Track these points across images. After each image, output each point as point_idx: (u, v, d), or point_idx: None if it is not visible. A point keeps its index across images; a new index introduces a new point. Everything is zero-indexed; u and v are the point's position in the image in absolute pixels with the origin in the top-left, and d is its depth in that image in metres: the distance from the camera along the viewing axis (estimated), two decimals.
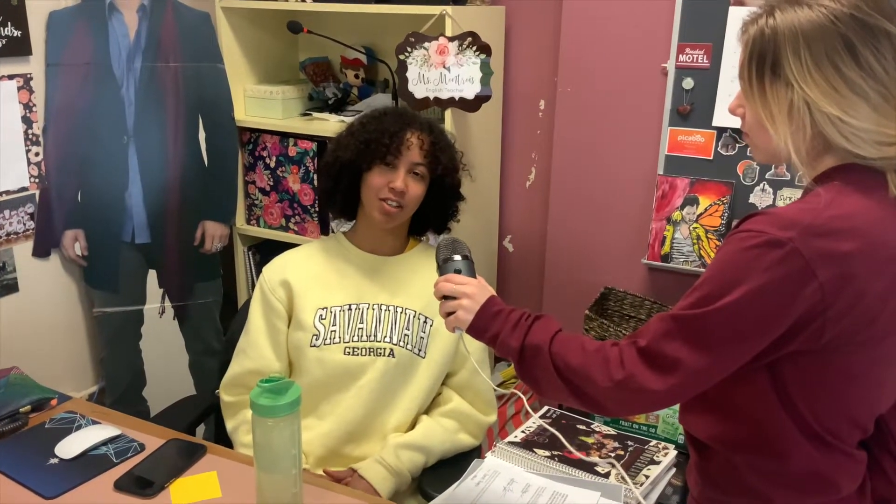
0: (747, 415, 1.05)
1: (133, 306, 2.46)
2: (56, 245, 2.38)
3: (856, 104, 0.96)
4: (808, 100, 0.97)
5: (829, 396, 1.01)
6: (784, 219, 0.96)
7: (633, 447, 1.57)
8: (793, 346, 0.98)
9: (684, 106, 2.21)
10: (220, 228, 2.52)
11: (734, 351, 1.00)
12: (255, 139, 2.58)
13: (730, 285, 0.96)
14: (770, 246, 0.94)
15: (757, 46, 1.01)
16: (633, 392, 1.02)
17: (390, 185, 1.54)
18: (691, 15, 2.15)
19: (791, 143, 1.01)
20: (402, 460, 1.53)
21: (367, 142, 1.55)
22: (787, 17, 0.98)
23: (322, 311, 1.59)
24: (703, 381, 1.02)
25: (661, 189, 2.27)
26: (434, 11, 2.15)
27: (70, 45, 2.26)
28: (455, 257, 1.28)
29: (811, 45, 0.96)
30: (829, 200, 0.98)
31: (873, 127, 0.96)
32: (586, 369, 1.06)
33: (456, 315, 1.21)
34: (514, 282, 2.79)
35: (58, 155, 2.31)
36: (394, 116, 1.59)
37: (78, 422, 1.48)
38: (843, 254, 0.94)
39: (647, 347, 1.02)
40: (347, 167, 1.57)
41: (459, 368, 1.65)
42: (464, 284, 1.22)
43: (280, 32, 2.48)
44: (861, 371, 1.00)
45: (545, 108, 2.56)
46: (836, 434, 1.03)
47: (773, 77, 1.00)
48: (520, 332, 1.14)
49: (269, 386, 1.15)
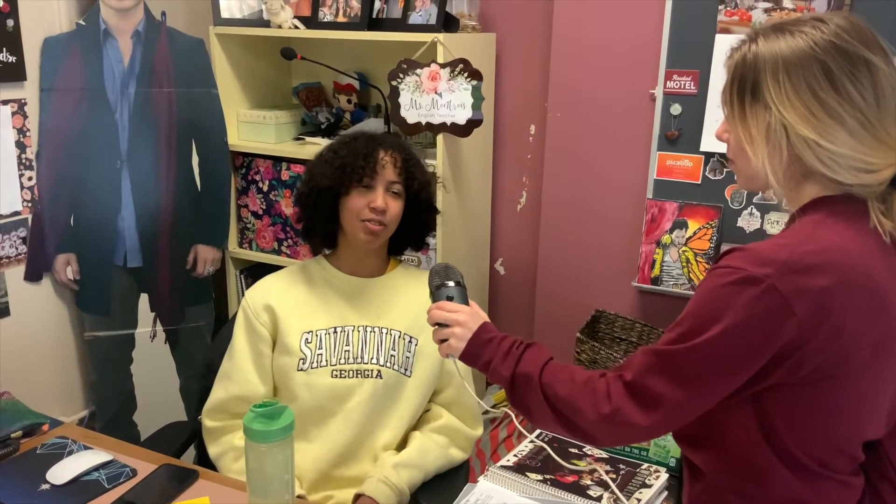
0: (732, 444, 1.06)
1: (124, 330, 2.46)
2: (48, 269, 2.38)
3: (833, 129, 0.98)
4: (785, 123, 0.99)
5: (811, 428, 1.02)
6: (761, 256, 0.97)
7: (624, 470, 1.58)
8: (772, 380, 0.99)
9: (672, 131, 2.25)
10: (213, 252, 2.52)
11: (714, 386, 1.01)
12: (248, 163, 2.59)
13: (709, 321, 0.98)
14: (748, 283, 0.96)
15: (739, 71, 1.03)
16: (619, 425, 1.04)
17: (371, 204, 1.56)
18: (678, 42, 2.19)
19: (768, 165, 1.02)
20: (403, 478, 1.55)
21: (343, 166, 1.57)
22: (770, 44, 1.01)
23: (308, 334, 1.60)
24: (685, 415, 1.04)
25: (651, 213, 2.29)
26: (426, 39, 2.18)
27: (64, 70, 2.28)
28: (448, 283, 1.30)
29: (790, 70, 0.99)
30: (806, 235, 1.00)
31: (850, 153, 0.98)
32: (575, 401, 1.07)
33: (448, 343, 1.22)
34: (506, 304, 2.80)
35: (51, 179, 2.31)
36: (364, 139, 1.62)
37: (70, 447, 1.48)
38: (820, 289, 0.95)
39: (633, 382, 1.04)
40: (325, 194, 1.59)
41: (446, 386, 1.66)
42: (456, 312, 1.23)
43: (273, 58, 2.51)
44: (842, 404, 1.01)
45: (535, 133, 2.59)
46: (823, 463, 1.04)
47: (752, 100, 1.02)
48: (511, 360, 1.15)
49: (263, 411, 1.15)
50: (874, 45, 1.00)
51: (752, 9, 2.08)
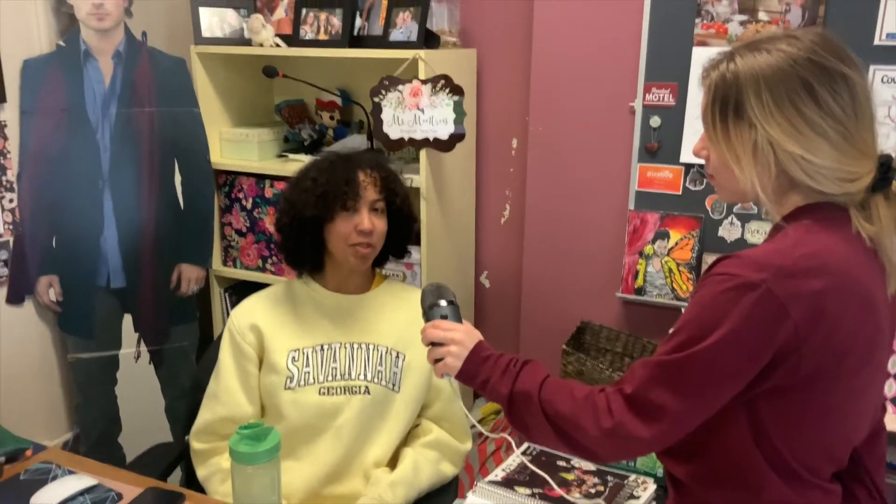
0: (722, 451, 1.07)
1: (108, 351, 2.44)
2: (30, 291, 2.36)
3: (817, 143, 1.00)
4: (771, 140, 1.01)
5: (806, 431, 1.03)
6: (757, 261, 0.99)
7: (612, 482, 1.58)
8: (770, 383, 1.01)
9: (652, 143, 2.27)
10: (197, 271, 2.51)
11: (716, 392, 1.02)
12: (231, 181, 2.59)
13: (708, 329, 0.99)
14: (745, 289, 0.97)
15: (720, 91, 1.04)
16: (621, 440, 1.03)
17: (357, 227, 1.56)
18: (656, 55, 2.22)
19: (758, 183, 1.04)
20: (398, 496, 1.54)
21: (324, 194, 1.56)
22: (748, 62, 1.02)
23: (294, 352, 1.59)
24: (688, 424, 1.04)
25: (633, 224, 2.31)
26: (407, 55, 2.20)
27: (44, 91, 2.27)
28: (441, 303, 1.29)
29: (772, 88, 1.00)
30: (798, 240, 1.01)
31: (834, 164, 1.00)
32: (576, 417, 1.07)
33: (445, 362, 1.22)
34: (492, 317, 2.80)
35: (32, 201, 2.30)
36: (342, 163, 1.60)
37: (54, 472, 1.46)
38: (815, 292, 0.97)
39: (634, 395, 1.04)
40: (310, 223, 1.58)
41: (434, 400, 1.66)
42: (452, 331, 1.23)
43: (255, 76, 2.52)
44: (836, 405, 1.03)
45: (518, 147, 2.61)
46: (812, 469, 1.05)
47: (736, 119, 1.03)
48: (509, 378, 1.15)
49: (249, 432, 1.15)
50: (847, 58, 1.02)
51: (727, 21, 2.12)
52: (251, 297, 1.69)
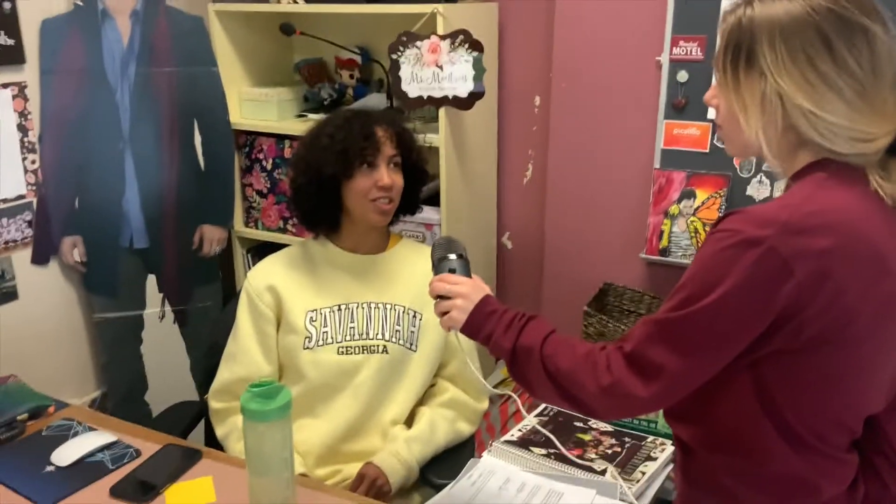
0: (727, 416, 1.04)
1: (133, 311, 2.47)
2: (55, 252, 2.39)
3: (829, 99, 0.95)
4: (781, 92, 0.96)
5: (811, 397, 1.00)
6: (760, 217, 0.94)
7: (630, 444, 1.57)
8: (772, 346, 0.97)
9: (679, 99, 2.20)
10: (219, 232, 2.52)
11: (716, 352, 0.99)
12: (251, 142, 2.58)
13: (709, 286, 0.95)
14: (747, 245, 0.93)
15: (734, 36, 1.00)
16: (619, 398, 1.02)
17: (378, 183, 1.54)
18: (684, 7, 2.13)
19: (762, 136, 1.00)
20: (414, 452, 1.55)
21: (344, 151, 1.54)
22: (766, 8, 0.97)
23: (312, 312, 1.59)
24: (687, 384, 1.02)
25: (658, 183, 2.26)
26: (425, 10, 2.14)
27: (63, 52, 2.27)
28: (450, 256, 1.28)
29: (787, 38, 0.95)
30: (807, 196, 0.97)
31: (847, 123, 0.95)
32: (575, 374, 1.05)
33: (450, 315, 1.21)
34: (514, 278, 2.78)
35: (54, 162, 2.31)
36: (357, 119, 1.59)
37: (75, 429, 1.49)
38: (820, 251, 0.92)
39: (633, 353, 1.02)
40: (329, 181, 1.56)
41: (451, 359, 1.66)
42: (458, 284, 1.22)
43: (274, 35, 2.48)
44: (842, 372, 0.99)
45: (541, 105, 2.55)
46: (821, 436, 1.02)
47: (747, 67, 0.99)
48: (512, 333, 1.13)
49: (259, 391, 1.14)
50: (872, 11, 0.96)
51: None
52: (267, 259, 1.69)
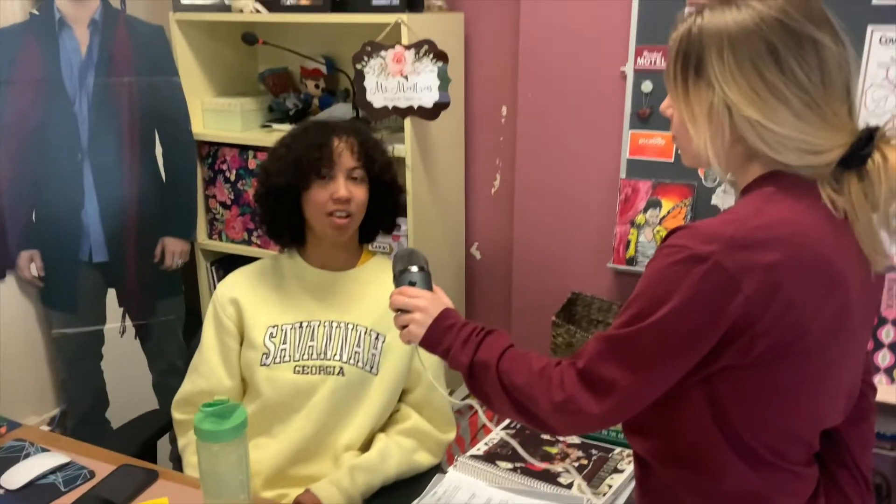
0: (683, 432, 1.03)
1: (93, 326, 2.41)
2: (11, 266, 2.32)
3: (777, 110, 0.94)
4: (728, 102, 0.95)
5: (764, 412, 0.99)
6: (706, 232, 0.93)
7: (596, 456, 1.55)
8: (724, 361, 0.96)
9: (644, 109, 2.21)
10: (181, 244, 2.47)
11: (666, 368, 0.98)
12: (214, 153, 2.54)
13: (658, 302, 0.94)
14: (693, 261, 0.92)
15: (683, 45, 0.99)
16: (572, 414, 1.00)
17: (333, 195, 1.51)
18: (648, 17, 2.14)
19: (710, 146, 0.99)
20: (357, 483, 1.49)
21: (297, 161, 1.52)
22: (715, 18, 0.96)
23: (273, 328, 1.56)
24: (639, 400, 1.01)
25: (625, 192, 2.26)
26: (389, 20, 2.13)
27: (19, 61, 2.21)
28: (411, 269, 1.26)
29: (735, 48, 0.94)
30: (754, 210, 0.96)
31: (795, 134, 0.94)
32: (530, 389, 1.04)
33: (408, 329, 1.19)
34: (482, 289, 2.76)
35: (10, 174, 2.25)
36: (316, 129, 1.56)
37: (27, 450, 1.44)
38: (768, 265, 0.91)
39: (585, 369, 1.00)
40: (285, 192, 1.54)
41: (415, 385, 1.61)
42: (417, 297, 1.20)
43: (237, 44, 2.45)
44: (795, 386, 0.98)
45: (507, 114, 2.54)
46: (777, 451, 1.01)
47: (696, 77, 0.98)
48: (470, 347, 1.12)
49: (213, 409, 1.11)
50: (822, 21, 0.95)
51: None
52: (237, 271, 1.67)
